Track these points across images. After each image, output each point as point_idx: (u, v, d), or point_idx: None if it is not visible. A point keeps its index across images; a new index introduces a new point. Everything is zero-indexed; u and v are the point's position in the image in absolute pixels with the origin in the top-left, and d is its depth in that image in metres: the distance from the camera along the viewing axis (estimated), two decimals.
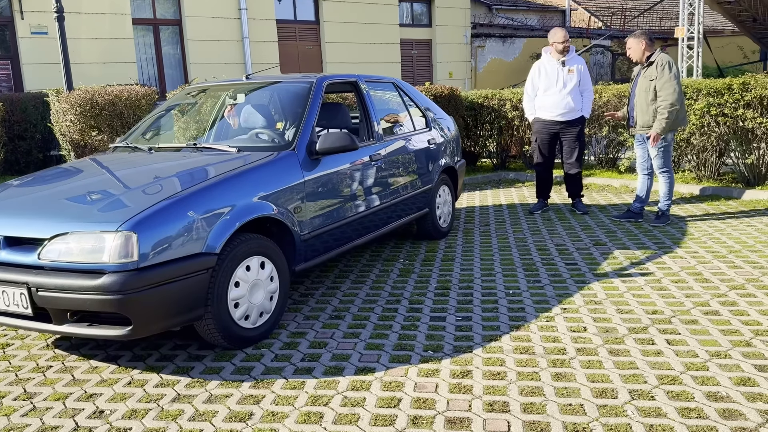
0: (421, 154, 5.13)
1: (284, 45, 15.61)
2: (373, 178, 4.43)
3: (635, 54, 5.63)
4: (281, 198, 3.53)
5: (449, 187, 5.72)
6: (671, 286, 4.07)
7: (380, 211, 4.51)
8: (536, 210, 6.57)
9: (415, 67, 18.16)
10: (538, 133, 6.38)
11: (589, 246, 5.16)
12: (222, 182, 3.26)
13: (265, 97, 4.56)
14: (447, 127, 5.80)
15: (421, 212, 5.22)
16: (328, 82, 4.35)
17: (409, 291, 4.20)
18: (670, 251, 4.88)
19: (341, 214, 4.05)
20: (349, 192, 4.14)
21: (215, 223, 3.10)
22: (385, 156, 4.58)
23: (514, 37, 20.57)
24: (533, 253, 5.03)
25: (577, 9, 28.30)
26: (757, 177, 6.91)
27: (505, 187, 8.46)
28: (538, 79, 6.30)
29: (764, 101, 6.50)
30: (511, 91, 8.97)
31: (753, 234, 5.29)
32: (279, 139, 3.97)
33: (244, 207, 3.28)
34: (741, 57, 21.91)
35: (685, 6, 10.93)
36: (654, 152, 5.69)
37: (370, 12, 16.70)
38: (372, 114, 4.62)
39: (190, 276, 2.95)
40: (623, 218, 6.04)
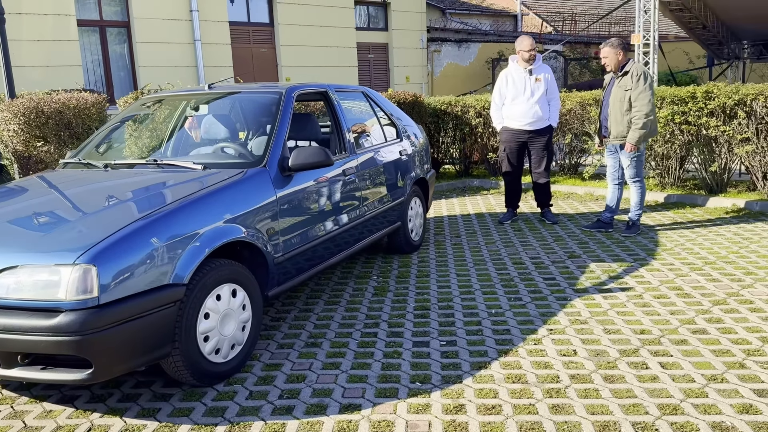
0: (393, 166, 4.94)
1: (238, 48, 15.20)
2: (347, 193, 4.21)
3: (611, 63, 5.56)
4: (253, 219, 3.28)
5: (420, 198, 5.55)
6: (654, 302, 3.99)
7: (354, 227, 4.30)
8: (506, 220, 6.46)
9: (372, 71, 17.99)
10: (507, 143, 6.28)
11: (564, 258, 5.06)
12: (189, 205, 2.99)
13: (230, 108, 4.28)
14: (417, 137, 5.63)
15: (394, 226, 5.03)
16: (299, 93, 4.11)
17: (387, 312, 3.99)
18: (646, 264, 4.82)
19: (315, 232, 3.82)
20: (322, 209, 3.91)
21: (183, 251, 2.83)
22: (358, 169, 4.37)
23: (469, 41, 20.62)
24: (509, 267, 4.90)
25: (528, 14, 28.69)
26: (719, 184, 6.98)
27: (470, 194, 8.35)
28: (506, 88, 6.20)
29: (727, 110, 6.56)
30: (474, 98, 8.88)
31: (724, 244, 5.29)
32: (248, 155, 3.71)
33: (214, 231, 3.01)
34: (687, 62, 22.48)
35: (641, 13, 11.07)
36: (627, 162, 5.65)
37: (326, 15, 16.45)
38: (344, 125, 4.40)
39: (156, 311, 2.68)
40: (594, 228, 5.99)
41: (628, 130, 5.51)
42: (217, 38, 14.55)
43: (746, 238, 5.43)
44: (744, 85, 6.54)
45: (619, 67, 5.58)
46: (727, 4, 13.28)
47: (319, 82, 4.61)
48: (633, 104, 5.38)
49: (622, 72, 5.55)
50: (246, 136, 4.07)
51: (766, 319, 3.62)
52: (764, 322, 3.58)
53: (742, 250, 5.08)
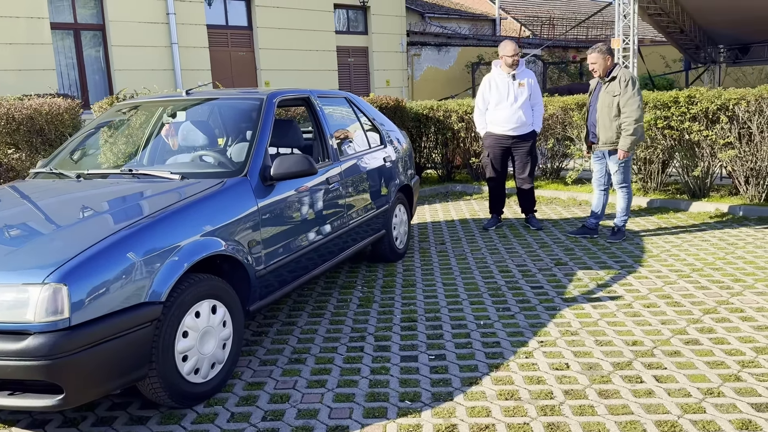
0: (377, 173, 4.83)
1: (216, 51, 15.00)
2: (331, 202, 4.09)
3: (600, 69, 5.51)
4: (234, 231, 3.14)
5: (405, 205, 5.45)
6: (644, 311, 3.93)
7: (338, 237, 4.18)
8: (490, 226, 6.38)
9: (353, 74, 17.88)
10: (490, 148, 6.20)
11: (551, 266, 4.99)
12: (166, 218, 2.85)
13: (208, 115, 4.14)
14: (400, 143, 5.53)
15: (378, 235, 4.92)
16: (280, 99, 3.99)
17: (372, 325, 3.88)
18: (634, 271, 4.77)
19: (298, 243, 3.69)
20: (306, 219, 3.78)
21: (160, 267, 2.69)
22: (341, 177, 4.25)
23: (449, 45, 20.61)
24: (496, 275, 4.81)
25: (507, 18, 28.81)
26: (701, 189, 6.98)
27: (453, 200, 8.27)
28: (489, 93, 6.13)
29: (709, 114, 6.56)
30: (456, 102, 8.81)
31: (710, 250, 5.26)
32: (228, 164, 3.57)
33: (193, 245, 2.88)
34: (663, 66, 22.70)
35: (620, 18, 11.10)
36: (615, 168, 5.60)
37: (305, 18, 16.31)
38: (326, 132, 4.28)
39: (131, 331, 2.53)
40: (579, 234, 5.93)
41: (617, 135, 5.46)
42: (194, 41, 14.34)
43: (731, 244, 5.41)
44: (726, 90, 6.54)
45: (606, 73, 5.53)
46: (704, 9, 13.40)
47: (300, 87, 4.49)
48: (622, 110, 5.34)
49: (610, 77, 5.50)
50: (225, 144, 3.94)
51: (758, 329, 3.57)
52: (756, 332, 3.53)
53: (728, 256, 5.05)
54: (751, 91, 6.35)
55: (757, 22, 14.13)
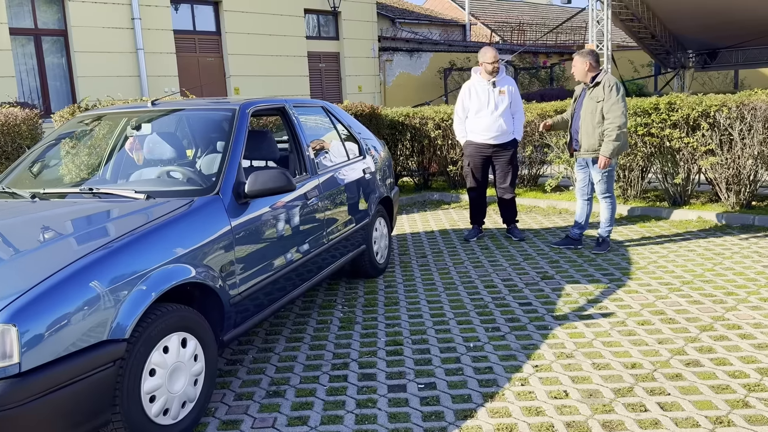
0: (356, 186, 4.61)
1: (183, 57, 14.62)
2: (309, 219, 3.84)
3: (578, 74, 5.38)
4: (206, 255, 2.88)
5: (385, 218, 5.23)
6: (639, 329, 3.76)
7: (318, 255, 3.94)
8: (471, 237, 6.20)
9: (324, 80, 17.63)
10: (471, 157, 6.02)
11: (537, 280, 4.82)
12: (131, 243, 2.58)
13: (176, 127, 3.87)
14: (378, 152, 5.31)
15: (358, 250, 4.68)
16: (254, 110, 3.73)
17: (356, 350, 3.64)
18: (623, 284, 4.61)
19: (275, 264, 3.44)
20: (283, 238, 3.53)
21: (123, 299, 2.42)
22: (320, 192, 4.01)
23: (421, 51, 20.50)
24: (482, 291, 4.61)
25: (477, 24, 28.88)
26: (682, 196, 6.90)
27: (431, 209, 8.08)
28: (469, 101, 5.95)
29: (690, 121, 6.48)
30: (433, 109, 8.63)
31: (697, 260, 5.14)
32: (199, 181, 3.31)
33: (160, 273, 2.61)
34: (632, 71, 22.94)
35: (594, 23, 11.07)
36: (598, 177, 5.46)
37: (275, 23, 16.02)
38: (303, 144, 4.04)
39: (92, 373, 2.26)
40: (562, 245, 5.78)
41: (600, 143, 5.32)
42: (160, 47, 13.95)
43: (718, 254, 5.30)
44: (707, 96, 6.48)
45: (588, 78, 5.40)
46: (675, 15, 13.50)
47: (271, 93, 4.25)
48: (606, 116, 5.20)
49: (594, 83, 5.36)
50: (195, 158, 3.67)
51: (759, 347, 3.43)
52: (757, 351, 3.38)
53: (716, 267, 4.94)
54: (732, 97, 6.29)
55: (725, 28, 14.31)
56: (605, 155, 5.21)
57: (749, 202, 6.51)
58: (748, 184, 6.40)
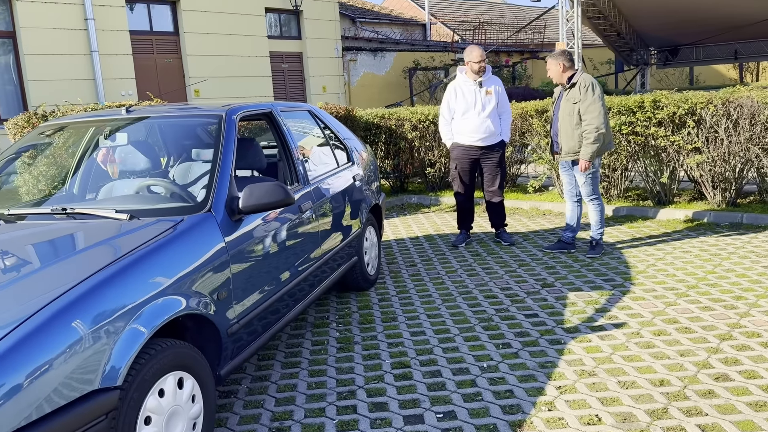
0: (348, 195, 4.32)
1: (140, 58, 14.04)
2: (305, 233, 3.54)
3: (554, 76, 5.22)
4: (200, 281, 2.56)
5: (375, 227, 4.95)
6: (656, 340, 3.57)
7: (313, 272, 3.64)
8: (460, 243, 5.96)
9: (287, 81, 17.22)
10: (458, 160, 5.79)
11: (538, 288, 4.61)
12: (120, 273, 2.24)
13: (156, 137, 3.51)
14: (364, 156, 5.03)
15: (351, 263, 4.39)
16: (241, 115, 3.40)
17: (360, 374, 3.35)
18: (627, 291, 4.44)
19: (273, 285, 3.13)
20: (279, 255, 3.22)
21: (115, 340, 2.09)
22: (313, 203, 3.71)
23: (385, 51, 20.25)
24: (482, 302, 4.38)
25: (436, 23, 28.80)
26: (666, 194, 6.81)
27: (411, 213, 7.83)
28: (455, 102, 5.71)
29: (676, 119, 6.38)
30: (409, 110, 8.38)
31: (696, 262, 5.01)
32: (187, 197, 2.97)
33: (155, 305, 2.28)
34: (591, 68, 23.16)
35: (564, 21, 10.99)
36: (582, 179, 5.29)
37: (235, 23, 15.55)
38: (294, 151, 3.73)
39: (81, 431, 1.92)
40: (555, 249, 5.60)
41: (580, 145, 5.15)
42: (116, 49, 13.36)
43: (715, 255, 5.19)
44: (693, 93, 6.39)
45: (565, 79, 5.22)
46: (639, 12, 13.59)
47: (232, 95, 3.91)
48: (583, 117, 5.04)
49: (570, 84, 5.19)
50: (179, 171, 3.32)
51: None
52: None
53: (717, 269, 4.81)
54: (717, 94, 6.22)
55: (686, 26, 14.49)
56: (585, 158, 5.05)
57: (735, 200, 6.45)
58: (733, 181, 6.33)
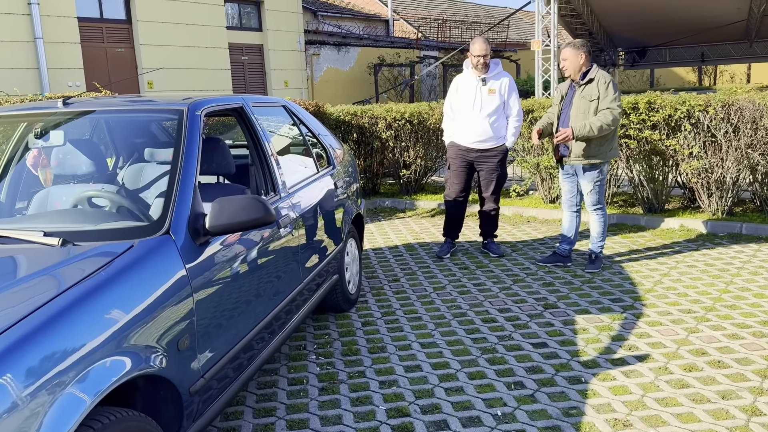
0: (329, 204, 3.73)
1: (89, 47, 13.11)
2: (283, 253, 2.95)
3: (571, 68, 4.71)
4: (156, 329, 1.95)
5: (356, 239, 4.38)
6: (689, 377, 3.11)
7: (293, 299, 3.05)
8: (444, 254, 5.43)
9: (247, 74, 16.45)
10: (452, 160, 5.27)
11: (541, 310, 4.11)
12: (46, 325, 1.62)
13: (99, 136, 2.86)
14: (343, 158, 4.45)
15: (332, 282, 3.81)
16: (207, 110, 2.78)
17: (350, 426, 2.78)
18: (640, 314, 3.98)
19: (249, 321, 2.53)
20: (255, 283, 2.63)
21: (42, 417, 1.47)
22: (293, 216, 3.11)
23: (348, 45, 19.63)
24: (480, 326, 3.86)
25: (399, 20, 28.33)
26: (659, 201, 6.42)
27: (386, 218, 7.27)
28: (455, 97, 5.19)
29: (672, 122, 5.99)
30: (384, 108, 7.81)
31: (705, 279, 4.60)
32: (138, 214, 2.34)
33: (96, 367, 1.66)
34: None
35: (540, 19, 10.61)
36: (589, 187, 4.83)
37: (192, 11, 14.71)
38: (269, 155, 3.12)
39: None
40: (550, 263, 5.12)
41: (592, 148, 4.69)
42: (63, 36, 12.42)
43: (723, 270, 4.79)
44: (690, 95, 6.01)
45: (579, 74, 4.75)
46: (610, 11, 13.36)
47: (190, 88, 3.29)
48: (604, 112, 4.60)
49: (586, 80, 4.71)
50: (129, 179, 2.68)
51: None
52: None
53: (730, 287, 4.41)
54: (717, 97, 5.84)
55: (655, 26, 14.34)
56: (576, 131, 4.57)
57: (731, 208, 6.10)
58: (731, 189, 5.98)
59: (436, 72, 21.78)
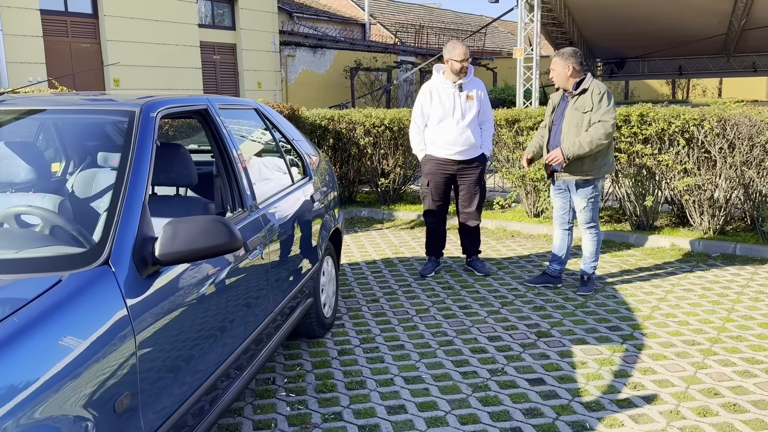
0: (305, 221, 3.34)
1: (52, 41, 12.50)
2: (252, 281, 2.54)
3: (558, 80, 4.40)
4: (84, 391, 1.53)
5: (333, 257, 3.99)
6: (703, 424, 2.79)
7: (262, 332, 2.64)
8: (428, 273, 5.07)
9: (219, 74, 15.94)
10: (431, 175, 4.90)
11: (534, 339, 3.77)
12: None
13: (36, 139, 2.42)
14: (320, 166, 4.06)
15: (305, 306, 3.41)
16: (164, 112, 2.37)
17: None
18: (641, 345, 3.66)
19: (209, 365, 2.12)
20: (216, 319, 2.21)
21: None
22: (264, 238, 2.71)
23: (324, 48, 19.22)
24: (469, 357, 3.49)
25: (376, 24, 28.04)
26: (647, 219, 6.15)
27: (362, 229, 6.89)
28: (430, 106, 4.82)
29: (665, 136, 5.73)
30: (362, 113, 7.43)
31: (704, 305, 4.31)
32: (71, 237, 1.91)
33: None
34: None
35: (522, 27, 10.35)
36: (582, 204, 4.51)
37: (162, 7, 14.17)
38: (237, 164, 2.71)
39: None
40: (539, 284, 4.79)
41: (586, 163, 4.38)
42: (24, 29, 11.80)
43: (721, 295, 4.51)
44: (684, 108, 5.75)
45: (571, 84, 4.43)
46: (591, 21, 13.24)
47: (161, 87, 2.87)
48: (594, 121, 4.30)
49: (579, 90, 4.40)
50: (78, 188, 2.25)
51: None
52: None
53: (732, 315, 4.12)
54: (712, 111, 5.59)
55: (634, 38, 14.25)
56: (564, 151, 4.27)
57: (723, 227, 5.85)
58: (724, 207, 5.73)
59: (413, 78, 21.48)
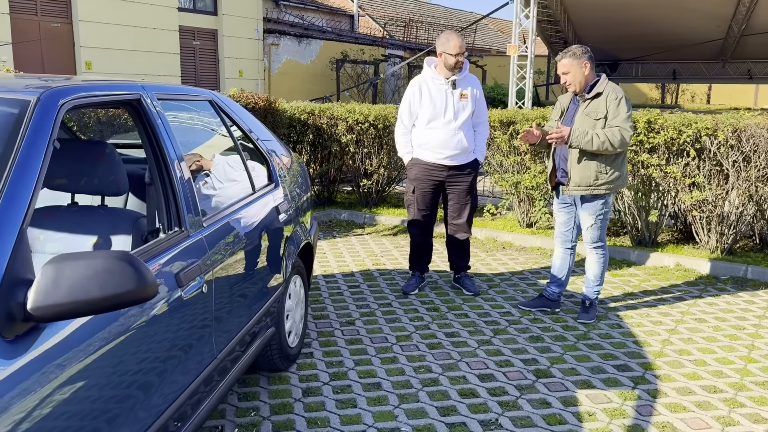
0: (268, 236, 2.78)
1: (19, 20, 11.75)
2: (187, 322, 1.98)
3: (575, 81, 3.88)
4: None
5: (302, 275, 3.43)
6: None
7: (201, 384, 2.08)
8: (412, 290, 4.53)
9: (198, 60, 15.24)
10: (418, 182, 4.36)
11: (532, 380, 3.25)
12: None
13: None
14: (290, 168, 3.50)
15: (265, 338, 2.86)
16: (73, 102, 1.80)
17: None
18: (656, 391, 3.16)
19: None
20: (131, 387, 1.65)
21: None
22: (209, 266, 2.14)
23: (310, 38, 18.57)
24: (457, 402, 2.97)
25: (365, 16, 27.44)
26: (650, 235, 5.67)
27: (341, 233, 6.33)
28: (419, 104, 4.28)
29: (674, 146, 5.24)
30: (345, 108, 6.86)
31: (721, 340, 3.83)
32: None
33: None
34: None
35: (518, 23, 9.84)
36: (590, 221, 4.01)
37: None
38: (177, 172, 2.14)
39: None
40: (534, 307, 4.28)
41: (597, 176, 3.87)
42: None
43: (738, 327, 4.03)
44: (696, 117, 5.27)
45: (586, 87, 3.92)
46: (586, 21, 12.78)
47: (132, 72, 2.30)
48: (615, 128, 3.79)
49: (593, 93, 3.89)
50: None
51: None
52: None
53: (753, 354, 3.64)
54: (726, 120, 5.11)
55: (628, 40, 13.84)
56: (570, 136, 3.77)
57: (731, 246, 5.38)
58: (735, 225, 5.26)
59: (401, 72, 20.91)
